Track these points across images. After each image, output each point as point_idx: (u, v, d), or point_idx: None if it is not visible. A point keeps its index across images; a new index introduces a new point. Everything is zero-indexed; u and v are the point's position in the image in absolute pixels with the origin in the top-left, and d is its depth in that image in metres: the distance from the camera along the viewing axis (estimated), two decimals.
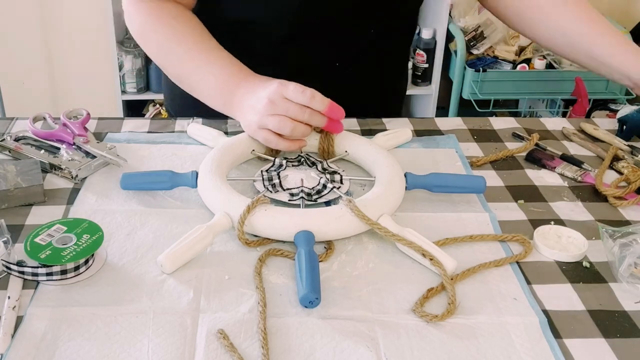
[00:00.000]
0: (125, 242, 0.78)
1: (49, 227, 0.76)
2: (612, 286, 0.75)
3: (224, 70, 0.95)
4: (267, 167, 0.90)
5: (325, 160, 0.92)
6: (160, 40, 1.00)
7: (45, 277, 0.71)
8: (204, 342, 0.65)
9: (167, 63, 1.02)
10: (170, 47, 1.00)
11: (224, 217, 0.79)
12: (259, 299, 0.69)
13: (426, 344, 0.66)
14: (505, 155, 1.00)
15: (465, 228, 0.83)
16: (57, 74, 2.74)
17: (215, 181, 0.83)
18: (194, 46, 0.98)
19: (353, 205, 0.78)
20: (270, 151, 0.93)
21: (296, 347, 0.65)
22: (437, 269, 0.74)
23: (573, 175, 0.95)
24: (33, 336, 0.65)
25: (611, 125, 1.12)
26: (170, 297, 0.70)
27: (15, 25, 2.63)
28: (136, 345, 0.64)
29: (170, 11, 1.00)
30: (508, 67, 2.40)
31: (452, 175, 0.89)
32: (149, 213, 0.83)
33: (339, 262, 0.76)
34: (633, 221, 0.86)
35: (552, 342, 0.66)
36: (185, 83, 1.00)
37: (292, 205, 0.83)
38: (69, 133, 0.97)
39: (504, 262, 0.77)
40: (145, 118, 1.95)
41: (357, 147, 0.94)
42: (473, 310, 0.70)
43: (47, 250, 0.72)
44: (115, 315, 0.67)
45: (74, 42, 2.63)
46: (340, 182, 0.88)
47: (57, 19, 2.63)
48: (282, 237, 0.78)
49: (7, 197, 0.83)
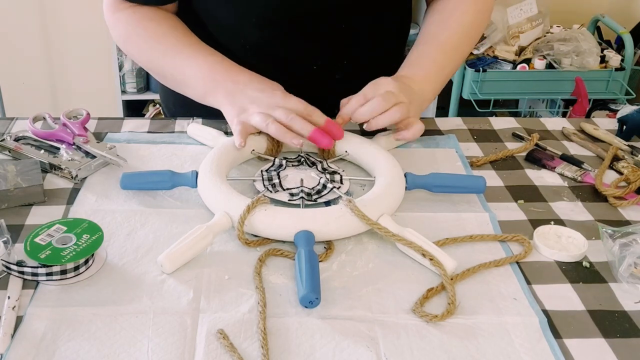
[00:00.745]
0: (125, 242, 0.78)
1: (49, 227, 0.76)
2: (612, 286, 0.75)
3: (207, 59, 0.96)
4: (267, 166, 0.90)
5: (325, 160, 0.92)
6: (140, 43, 1.01)
7: (45, 277, 0.71)
8: (203, 342, 0.65)
9: (150, 63, 1.02)
10: (151, 46, 1.00)
11: (223, 217, 0.79)
12: (258, 299, 0.69)
13: (426, 344, 0.66)
14: (505, 155, 1.00)
15: (465, 228, 0.83)
16: (57, 74, 2.74)
17: (215, 181, 0.83)
18: (176, 42, 0.98)
19: (353, 205, 0.78)
20: (270, 151, 0.93)
21: (296, 347, 0.65)
22: (437, 269, 0.74)
23: (573, 175, 0.95)
24: (33, 336, 0.65)
25: (611, 125, 1.12)
26: (170, 297, 0.70)
27: (16, 25, 2.63)
28: (136, 345, 0.64)
29: (149, 15, 1.01)
30: (508, 67, 2.39)
31: (452, 176, 0.89)
32: (149, 213, 0.83)
33: (339, 262, 0.76)
34: (633, 221, 0.86)
35: (552, 342, 0.66)
36: (170, 79, 1.00)
37: (292, 205, 0.83)
38: (68, 133, 0.97)
39: (503, 262, 0.77)
40: (145, 118, 1.95)
41: (357, 147, 0.94)
42: (473, 310, 0.70)
43: (47, 250, 0.72)
44: (115, 315, 0.67)
45: (74, 42, 2.63)
46: (340, 182, 0.88)
47: (57, 19, 2.63)
48: (282, 237, 0.78)
49: (7, 197, 0.83)
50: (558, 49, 2.37)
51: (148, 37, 1.00)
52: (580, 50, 2.35)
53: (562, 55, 2.37)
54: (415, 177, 0.87)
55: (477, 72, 2.35)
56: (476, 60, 2.43)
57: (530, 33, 2.43)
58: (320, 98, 1.07)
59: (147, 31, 1.00)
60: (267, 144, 0.93)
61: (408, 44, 1.15)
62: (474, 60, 2.43)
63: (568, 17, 2.62)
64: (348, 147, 0.94)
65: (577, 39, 2.37)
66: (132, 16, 1.01)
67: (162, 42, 0.99)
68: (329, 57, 0.86)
